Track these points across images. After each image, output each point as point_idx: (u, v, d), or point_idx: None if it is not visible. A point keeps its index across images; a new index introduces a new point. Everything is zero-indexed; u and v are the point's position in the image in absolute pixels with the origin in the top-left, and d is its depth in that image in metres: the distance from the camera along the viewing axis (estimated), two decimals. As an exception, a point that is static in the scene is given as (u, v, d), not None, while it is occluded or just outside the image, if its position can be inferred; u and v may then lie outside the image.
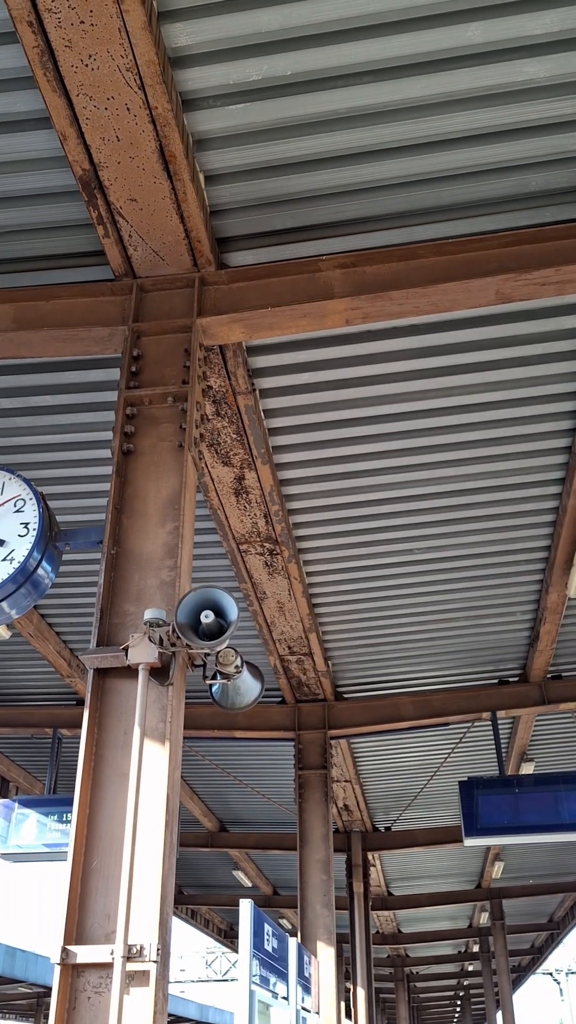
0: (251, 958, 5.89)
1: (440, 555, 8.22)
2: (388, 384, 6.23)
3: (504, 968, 23.01)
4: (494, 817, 9.98)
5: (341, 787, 13.94)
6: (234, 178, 4.83)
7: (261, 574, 8.05)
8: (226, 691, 4.54)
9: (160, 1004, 3.42)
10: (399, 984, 31.96)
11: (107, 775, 3.84)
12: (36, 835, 10.58)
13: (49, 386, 6.25)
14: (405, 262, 5.05)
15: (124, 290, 5.18)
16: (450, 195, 4.97)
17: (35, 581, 4.39)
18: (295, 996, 7.20)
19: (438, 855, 18.93)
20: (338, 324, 5.16)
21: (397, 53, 4.21)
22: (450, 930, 27.86)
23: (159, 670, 3.96)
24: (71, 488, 7.25)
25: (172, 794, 3.79)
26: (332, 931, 9.68)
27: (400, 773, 14.06)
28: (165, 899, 3.58)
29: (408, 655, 10.12)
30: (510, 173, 4.85)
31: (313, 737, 10.67)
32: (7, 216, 5.07)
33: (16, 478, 4.60)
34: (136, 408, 4.79)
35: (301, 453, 6.88)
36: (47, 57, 3.99)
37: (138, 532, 4.41)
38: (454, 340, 5.89)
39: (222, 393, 5.88)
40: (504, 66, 4.28)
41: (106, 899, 3.59)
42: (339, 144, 4.65)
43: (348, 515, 7.63)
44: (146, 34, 3.87)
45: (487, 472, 7.12)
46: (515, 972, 35.91)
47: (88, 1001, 3.43)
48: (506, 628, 9.56)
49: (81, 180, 4.58)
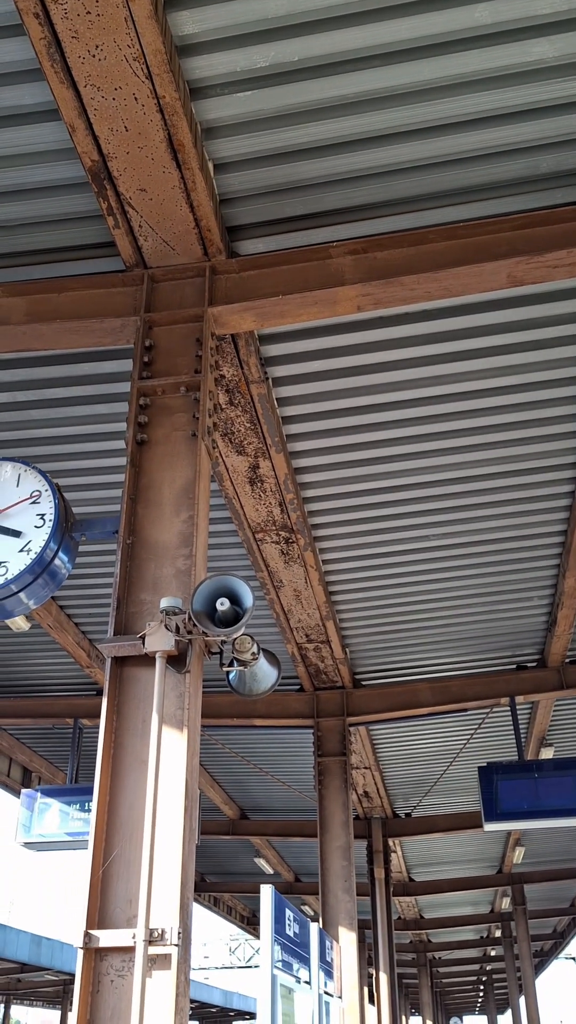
0: (273, 943, 5.93)
1: (456, 541, 8.21)
2: (401, 370, 6.21)
3: (526, 953, 23.06)
4: (514, 802, 9.98)
5: (360, 774, 13.99)
6: (243, 166, 4.83)
7: (277, 562, 8.07)
8: (243, 678, 4.56)
9: (182, 987, 3.46)
10: (422, 970, 32.10)
11: (126, 762, 3.88)
12: (59, 824, 10.69)
13: (62, 378, 6.28)
14: (416, 247, 5.03)
15: (135, 281, 5.20)
16: (460, 179, 4.94)
17: (52, 571, 4.43)
18: (317, 981, 7.24)
19: (459, 841, 18.97)
20: (349, 311, 5.15)
21: (405, 36, 4.19)
22: (472, 915, 27.93)
23: (176, 658, 3.99)
24: (86, 479, 7.29)
25: (191, 780, 3.83)
26: (354, 917, 9.73)
27: (419, 759, 14.08)
28: (185, 884, 3.61)
29: (425, 641, 10.13)
30: (520, 155, 4.82)
31: (332, 724, 10.70)
32: (17, 209, 5.09)
33: (32, 470, 4.64)
34: (149, 398, 4.81)
35: (315, 441, 6.89)
36: (54, 48, 3.99)
37: (153, 521, 4.44)
38: (466, 325, 5.87)
39: (235, 382, 5.89)
40: (513, 47, 4.25)
41: (127, 884, 3.63)
42: (348, 129, 4.63)
43: (363, 502, 7.63)
44: (152, 23, 3.86)
45: (502, 457, 7.10)
46: (537, 957, 35.99)
47: (111, 984, 3.48)
48: (523, 613, 9.55)
49: (90, 171, 4.58)
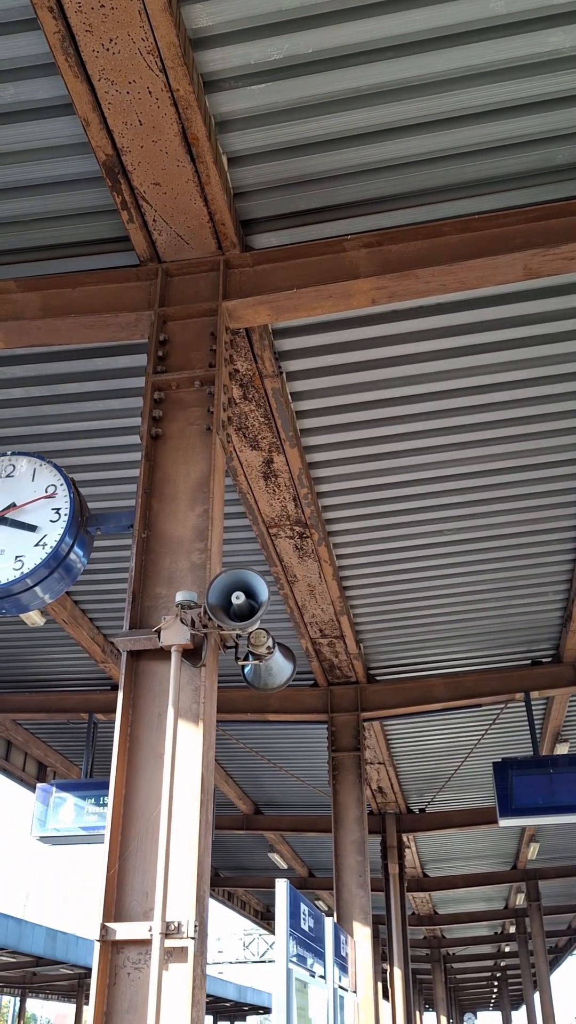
0: (288, 937, 5.94)
1: (470, 536, 8.18)
2: (416, 364, 6.19)
3: (541, 949, 23.00)
4: (528, 798, 9.96)
5: (375, 769, 13.98)
6: (257, 159, 4.82)
7: (291, 557, 8.07)
8: (258, 672, 4.56)
9: (198, 980, 3.46)
10: (436, 965, 32.07)
11: (142, 756, 3.88)
12: (74, 818, 10.73)
13: (77, 373, 6.29)
14: (430, 240, 5.01)
15: (149, 275, 5.20)
16: (475, 171, 4.92)
17: (67, 566, 4.44)
18: (332, 975, 7.25)
19: (473, 836, 18.94)
20: (364, 304, 5.13)
21: (419, 27, 4.16)
22: (486, 911, 27.90)
23: (191, 652, 3.99)
24: (101, 474, 7.31)
25: (207, 773, 3.83)
26: (368, 911, 9.73)
27: (434, 755, 14.06)
28: (201, 877, 3.62)
29: (440, 637, 10.11)
30: (536, 146, 4.79)
31: (346, 719, 10.70)
32: (32, 204, 5.09)
33: (47, 464, 4.65)
34: (164, 393, 4.81)
35: (329, 435, 6.87)
36: (68, 43, 3.99)
37: (168, 516, 4.44)
38: (482, 318, 5.84)
39: (249, 376, 5.88)
40: (528, 37, 4.22)
41: (144, 877, 3.64)
42: (362, 122, 4.61)
43: (377, 497, 7.61)
44: (166, 16, 3.86)
45: (517, 451, 7.06)
46: (552, 953, 35.86)
47: (128, 977, 3.49)
48: (538, 608, 9.51)
49: (104, 166, 4.58)
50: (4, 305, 5.29)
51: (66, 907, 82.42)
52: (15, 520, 4.48)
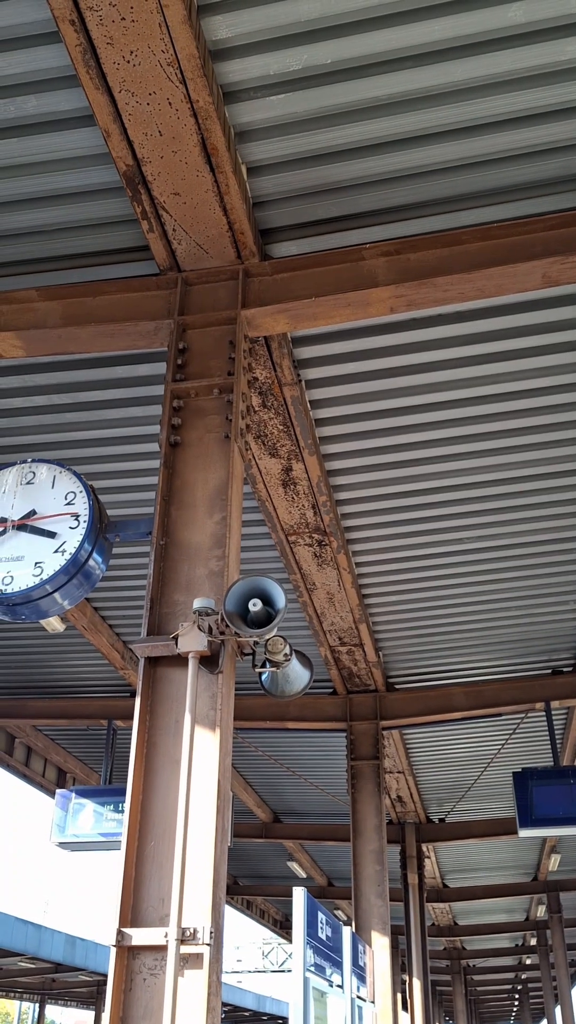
0: (305, 946, 5.92)
1: (490, 544, 8.15)
2: (435, 372, 6.19)
3: (562, 962, 22.75)
4: (549, 808, 9.89)
5: (394, 778, 13.93)
6: (276, 169, 4.85)
7: (310, 565, 8.07)
8: (275, 679, 4.57)
9: (214, 987, 3.47)
10: (456, 977, 31.80)
11: (159, 762, 3.90)
12: (92, 824, 10.77)
13: (97, 381, 6.33)
14: (450, 248, 5.01)
15: (169, 284, 5.23)
16: (494, 179, 4.92)
17: (87, 572, 4.46)
18: (350, 985, 7.21)
19: (493, 847, 18.80)
20: (382, 312, 5.14)
21: (438, 37, 4.18)
22: (507, 923, 27.66)
23: (209, 658, 4.00)
24: (120, 481, 7.35)
25: (223, 780, 3.84)
26: (386, 921, 9.68)
27: (453, 764, 13.99)
28: (218, 883, 3.62)
29: (459, 645, 10.07)
30: (555, 155, 4.78)
31: (365, 728, 10.67)
32: (54, 214, 5.15)
33: (67, 471, 4.68)
34: (183, 401, 4.84)
35: (348, 443, 6.88)
36: (89, 55, 4.04)
37: (186, 523, 4.46)
38: (501, 326, 5.83)
39: (268, 384, 5.91)
40: (547, 46, 4.22)
41: (160, 883, 3.65)
42: (381, 131, 4.63)
43: (397, 505, 7.60)
44: (186, 28, 3.90)
45: (537, 459, 7.04)
46: (573, 967, 35.49)
47: (144, 983, 3.49)
48: (559, 617, 9.45)
49: (125, 176, 4.63)
50: (26, 314, 5.34)
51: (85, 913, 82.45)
52: (35, 527, 4.52)
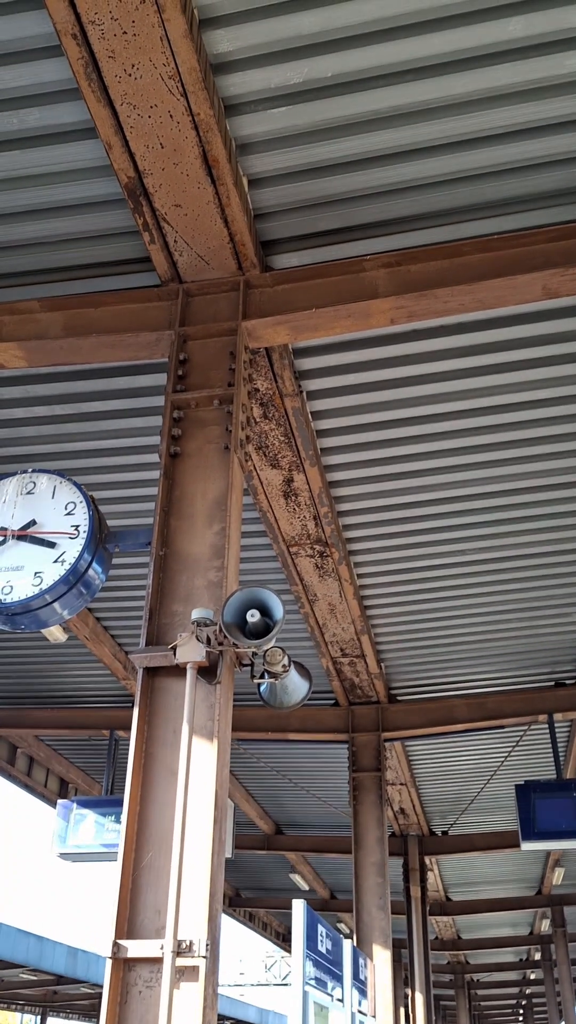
0: (305, 959, 5.88)
1: (493, 555, 8.14)
2: (436, 383, 6.20)
3: (566, 977, 22.60)
4: (552, 821, 9.83)
5: (396, 790, 13.87)
6: (277, 181, 4.87)
7: (312, 576, 8.06)
8: (274, 690, 4.56)
9: (210, 999, 3.45)
10: (459, 991, 31.59)
11: (157, 773, 3.89)
12: (94, 835, 10.72)
13: (98, 392, 6.35)
14: (450, 260, 5.02)
15: (170, 295, 5.25)
16: (495, 191, 4.93)
17: (86, 582, 4.47)
18: (350, 999, 7.17)
19: (497, 860, 18.70)
20: (383, 324, 5.15)
21: (438, 50, 4.20)
22: (511, 937, 27.46)
23: (207, 669, 4.00)
24: (121, 492, 7.36)
25: (221, 791, 3.83)
26: (388, 934, 9.63)
27: (456, 776, 13.93)
28: (214, 895, 3.61)
29: (462, 657, 10.04)
30: (555, 167, 4.80)
31: (367, 739, 10.64)
32: (56, 226, 5.17)
33: (67, 482, 4.69)
34: (183, 411, 4.85)
35: (350, 454, 6.88)
36: (91, 68, 4.07)
37: (186, 533, 4.47)
38: (502, 338, 5.84)
39: (269, 396, 5.92)
40: (546, 59, 4.24)
41: (156, 894, 3.63)
42: (382, 144, 4.65)
43: (398, 516, 7.60)
44: (187, 42, 3.92)
45: (539, 471, 7.03)
46: (578, 981, 35.23)
47: (139, 995, 3.48)
48: (562, 629, 9.42)
49: (127, 188, 4.65)
50: (28, 324, 5.37)
51: (87, 925, 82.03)
52: (35, 536, 4.53)
